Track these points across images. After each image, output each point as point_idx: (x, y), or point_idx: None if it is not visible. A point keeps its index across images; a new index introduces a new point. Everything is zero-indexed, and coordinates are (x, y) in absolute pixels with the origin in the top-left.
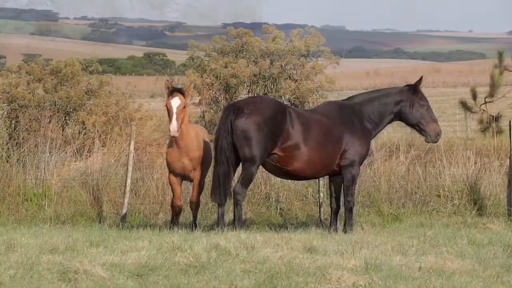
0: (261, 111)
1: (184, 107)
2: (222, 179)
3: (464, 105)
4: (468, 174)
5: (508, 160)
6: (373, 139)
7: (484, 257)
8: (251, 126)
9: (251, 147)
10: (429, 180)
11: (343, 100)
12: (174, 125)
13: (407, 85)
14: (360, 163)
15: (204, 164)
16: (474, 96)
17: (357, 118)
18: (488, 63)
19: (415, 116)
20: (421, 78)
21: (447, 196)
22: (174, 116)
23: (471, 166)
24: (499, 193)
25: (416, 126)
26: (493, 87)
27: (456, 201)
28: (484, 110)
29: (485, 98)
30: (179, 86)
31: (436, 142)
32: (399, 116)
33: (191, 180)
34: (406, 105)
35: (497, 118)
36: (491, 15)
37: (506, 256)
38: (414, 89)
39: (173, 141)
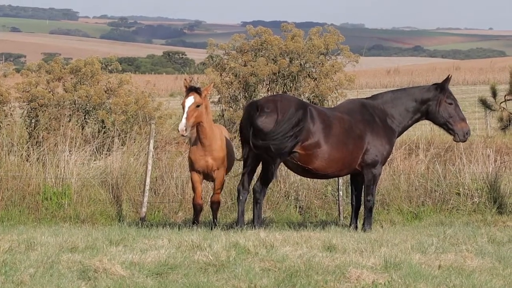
0: (282, 110)
1: (198, 106)
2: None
3: (483, 103)
4: (488, 172)
5: None
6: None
7: (504, 255)
8: (271, 124)
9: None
10: (448, 178)
11: (366, 98)
12: (182, 123)
13: (434, 84)
14: (383, 163)
15: (227, 164)
16: (494, 94)
17: (379, 117)
18: (509, 60)
19: (442, 115)
20: (448, 77)
21: (467, 194)
22: (184, 115)
23: (491, 164)
24: None
25: (444, 125)
26: None
27: (476, 199)
28: (504, 108)
29: (505, 96)
30: (197, 85)
31: (464, 141)
32: (427, 115)
33: (212, 179)
34: (433, 104)
35: None
36: None
37: None
38: (441, 87)
39: (197, 140)
